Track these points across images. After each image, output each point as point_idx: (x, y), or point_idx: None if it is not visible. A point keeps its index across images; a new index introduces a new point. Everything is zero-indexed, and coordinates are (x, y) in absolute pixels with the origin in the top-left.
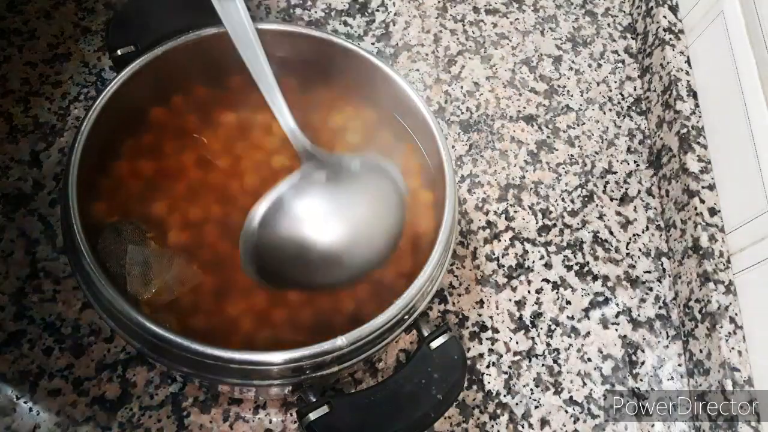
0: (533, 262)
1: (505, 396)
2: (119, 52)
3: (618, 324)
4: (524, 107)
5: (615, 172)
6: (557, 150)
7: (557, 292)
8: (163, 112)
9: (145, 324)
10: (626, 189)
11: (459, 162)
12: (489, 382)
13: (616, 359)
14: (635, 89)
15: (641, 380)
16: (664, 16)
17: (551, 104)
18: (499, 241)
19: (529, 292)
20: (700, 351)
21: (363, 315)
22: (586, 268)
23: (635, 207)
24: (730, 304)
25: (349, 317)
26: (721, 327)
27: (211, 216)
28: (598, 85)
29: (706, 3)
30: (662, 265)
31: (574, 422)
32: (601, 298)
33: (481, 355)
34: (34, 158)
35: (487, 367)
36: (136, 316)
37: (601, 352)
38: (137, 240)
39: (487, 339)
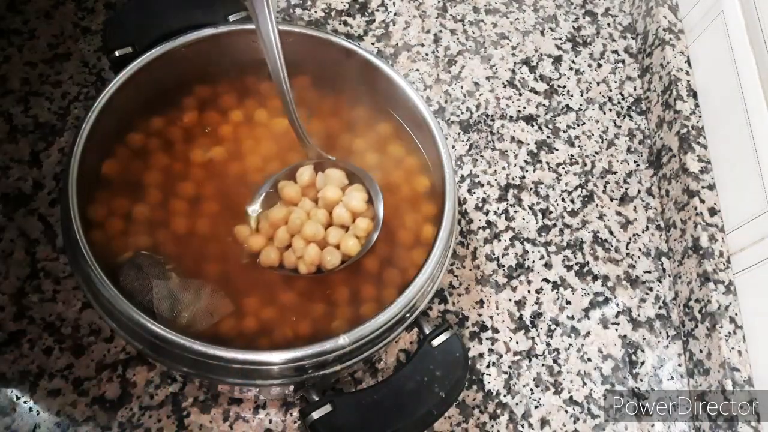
0: (533, 262)
1: (505, 396)
2: (117, 54)
3: (618, 324)
4: (524, 107)
5: (615, 172)
6: (557, 150)
7: (557, 292)
8: (163, 111)
9: (145, 324)
10: (626, 189)
11: (459, 162)
12: (489, 382)
13: (616, 359)
14: (635, 89)
15: (641, 380)
16: (664, 16)
17: (551, 104)
18: (499, 241)
19: (529, 292)
20: (700, 351)
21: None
22: (586, 268)
23: (635, 207)
24: (730, 304)
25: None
26: (721, 327)
27: (211, 213)
28: (598, 85)
29: (706, 3)
30: (662, 265)
31: (574, 422)
32: (601, 298)
33: (481, 355)
34: (34, 158)
35: (487, 367)
36: (136, 316)
37: (601, 352)
38: (158, 274)
39: (487, 339)
